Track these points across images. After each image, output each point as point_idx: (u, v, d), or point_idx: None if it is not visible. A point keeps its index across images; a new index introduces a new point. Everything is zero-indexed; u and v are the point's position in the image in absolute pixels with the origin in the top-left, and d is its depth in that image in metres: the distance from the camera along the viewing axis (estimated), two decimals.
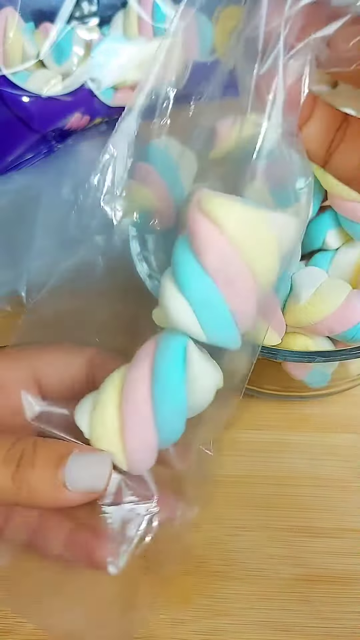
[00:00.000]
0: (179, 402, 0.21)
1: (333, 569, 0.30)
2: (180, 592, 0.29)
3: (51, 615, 0.28)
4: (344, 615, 0.29)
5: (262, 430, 0.34)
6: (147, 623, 0.28)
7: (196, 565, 0.30)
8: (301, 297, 0.29)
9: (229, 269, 0.21)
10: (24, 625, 0.28)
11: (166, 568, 0.29)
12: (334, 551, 0.30)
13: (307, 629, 0.28)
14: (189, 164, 0.35)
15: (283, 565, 0.30)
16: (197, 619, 0.28)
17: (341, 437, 0.34)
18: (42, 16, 0.43)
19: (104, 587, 0.29)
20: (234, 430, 0.34)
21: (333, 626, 0.28)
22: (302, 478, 0.33)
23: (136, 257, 0.33)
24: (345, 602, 0.29)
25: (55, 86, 0.43)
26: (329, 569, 0.30)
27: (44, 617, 0.28)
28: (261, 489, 0.32)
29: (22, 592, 0.29)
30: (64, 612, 0.28)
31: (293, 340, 0.31)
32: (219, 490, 0.32)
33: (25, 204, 0.43)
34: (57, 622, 0.28)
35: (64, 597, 0.29)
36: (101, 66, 0.44)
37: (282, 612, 0.29)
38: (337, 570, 0.30)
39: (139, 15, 0.45)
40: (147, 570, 0.30)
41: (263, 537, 0.31)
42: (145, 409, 0.21)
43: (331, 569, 0.30)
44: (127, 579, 0.29)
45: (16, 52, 0.42)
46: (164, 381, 0.21)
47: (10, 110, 0.42)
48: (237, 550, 0.30)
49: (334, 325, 0.30)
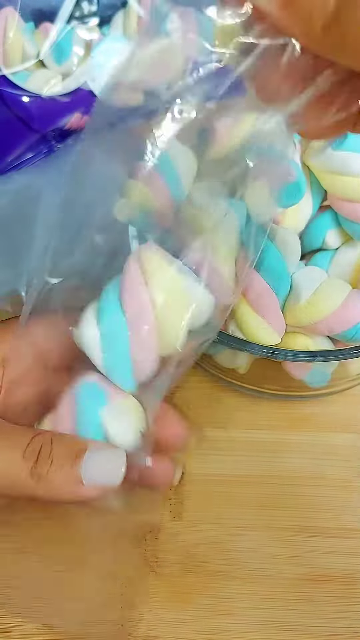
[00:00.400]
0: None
1: (335, 569, 0.30)
2: (181, 591, 0.29)
3: (52, 614, 0.28)
4: (348, 614, 0.29)
5: (262, 430, 0.34)
6: (146, 622, 0.28)
7: (197, 565, 0.30)
8: (301, 297, 0.29)
9: (141, 317, 0.23)
10: (24, 625, 0.28)
11: (166, 568, 0.30)
12: (336, 551, 0.30)
13: (311, 629, 0.28)
14: (189, 164, 0.35)
15: (285, 565, 0.30)
16: (198, 618, 0.28)
17: (341, 437, 0.34)
18: (42, 16, 0.43)
19: (104, 587, 0.29)
20: (234, 430, 0.34)
21: (336, 626, 0.28)
22: (303, 478, 0.33)
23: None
24: (349, 601, 0.29)
25: (55, 86, 0.43)
26: (331, 569, 0.30)
27: (45, 615, 0.28)
28: (261, 489, 0.32)
29: (24, 590, 0.29)
30: (64, 611, 0.28)
31: (293, 340, 0.31)
32: (219, 490, 0.32)
33: (25, 204, 0.43)
34: (57, 621, 0.28)
35: (64, 596, 0.29)
36: (101, 66, 0.44)
37: (285, 611, 0.29)
38: (340, 569, 0.30)
39: (139, 15, 0.45)
40: (147, 570, 0.30)
41: (264, 537, 0.31)
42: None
43: (333, 568, 0.30)
44: (127, 578, 0.29)
45: (16, 52, 0.42)
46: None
47: (10, 110, 0.42)
48: (239, 550, 0.30)
49: (334, 325, 0.30)
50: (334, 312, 0.29)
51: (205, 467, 0.33)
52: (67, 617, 0.28)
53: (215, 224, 0.29)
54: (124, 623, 0.28)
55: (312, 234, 0.33)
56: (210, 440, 0.34)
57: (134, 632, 0.28)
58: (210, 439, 0.34)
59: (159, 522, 0.28)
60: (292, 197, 0.31)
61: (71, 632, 0.28)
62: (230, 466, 0.33)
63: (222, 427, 0.34)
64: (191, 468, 0.33)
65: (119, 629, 0.28)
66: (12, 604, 0.29)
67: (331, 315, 0.29)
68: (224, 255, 0.29)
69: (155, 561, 0.30)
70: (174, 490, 0.32)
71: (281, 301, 0.30)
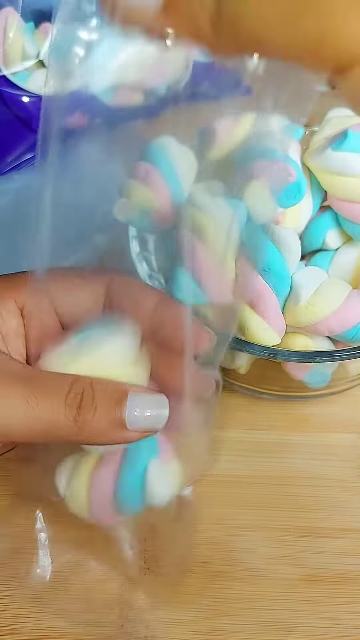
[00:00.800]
0: (134, 503, 0.26)
1: (335, 569, 0.30)
2: (181, 592, 0.29)
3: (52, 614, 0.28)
4: (346, 615, 0.29)
5: (262, 430, 0.34)
6: (146, 622, 0.28)
7: (197, 565, 0.30)
8: (301, 297, 0.29)
9: None
10: (24, 625, 0.28)
11: (166, 568, 0.29)
12: (336, 551, 0.30)
13: (309, 629, 0.28)
14: (189, 164, 0.35)
15: (284, 565, 0.30)
16: (197, 619, 0.28)
17: (341, 437, 0.34)
18: (42, 16, 0.43)
19: (104, 587, 0.29)
20: (234, 430, 0.34)
21: (335, 626, 0.28)
22: (303, 478, 0.33)
23: (136, 257, 0.33)
24: (347, 602, 0.29)
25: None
26: (330, 569, 0.30)
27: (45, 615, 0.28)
28: (261, 489, 0.32)
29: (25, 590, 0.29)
30: (64, 611, 0.28)
31: (293, 340, 0.31)
32: (219, 490, 0.32)
33: (25, 204, 0.43)
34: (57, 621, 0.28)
35: (65, 596, 0.29)
36: (101, 66, 0.44)
37: (284, 612, 0.29)
38: (339, 570, 0.30)
39: None
40: (147, 571, 0.30)
41: (264, 537, 0.31)
42: (107, 501, 0.25)
43: (333, 569, 0.30)
44: (127, 579, 0.29)
45: (16, 52, 0.42)
46: (123, 490, 0.25)
47: (10, 110, 0.42)
48: (238, 550, 0.30)
49: (334, 325, 0.30)
50: (334, 312, 0.29)
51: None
52: (67, 617, 0.28)
53: (216, 224, 0.29)
54: (124, 623, 0.28)
55: (312, 234, 0.33)
56: (211, 440, 0.34)
57: (133, 632, 0.28)
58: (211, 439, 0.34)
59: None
60: (292, 197, 0.31)
61: (71, 632, 0.28)
62: (231, 466, 0.33)
63: (222, 427, 0.34)
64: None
65: (119, 629, 0.28)
66: (13, 604, 0.29)
67: (331, 315, 0.29)
68: (224, 255, 0.29)
69: (155, 561, 0.30)
70: None
71: (281, 301, 0.30)
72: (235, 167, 0.33)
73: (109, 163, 0.46)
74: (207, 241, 0.29)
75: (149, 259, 0.33)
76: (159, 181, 0.33)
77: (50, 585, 0.29)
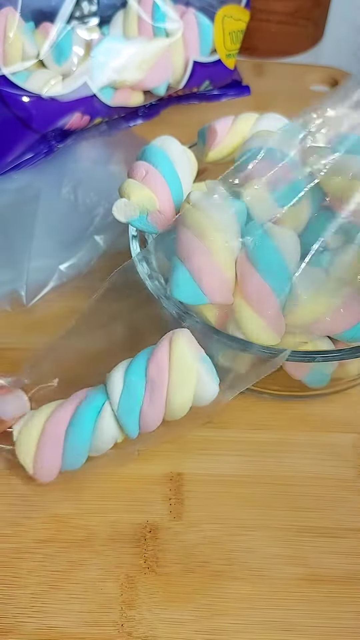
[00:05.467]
0: (83, 446, 0.30)
1: (335, 569, 0.30)
2: (181, 591, 0.29)
3: (52, 614, 0.28)
4: (347, 615, 0.29)
5: (262, 430, 0.34)
6: (146, 622, 0.28)
7: (197, 565, 0.30)
8: (301, 297, 0.29)
9: (157, 380, 0.28)
10: (24, 625, 0.28)
11: (166, 568, 0.30)
12: (336, 551, 0.30)
13: (310, 629, 0.28)
14: (189, 164, 0.36)
15: (285, 565, 0.30)
16: (197, 618, 0.28)
17: (341, 437, 0.34)
18: (42, 16, 0.43)
19: (104, 587, 0.29)
20: (234, 430, 0.34)
21: (335, 626, 0.28)
22: (302, 478, 0.33)
23: (136, 257, 0.33)
24: (348, 602, 0.29)
25: (55, 86, 0.43)
26: (330, 569, 0.30)
27: (45, 615, 0.28)
28: (261, 489, 0.32)
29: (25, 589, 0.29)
30: (64, 611, 0.28)
31: (293, 340, 0.31)
32: (219, 490, 0.32)
33: (25, 204, 0.43)
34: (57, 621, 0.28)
35: (63, 596, 0.29)
36: (101, 66, 0.44)
37: (284, 611, 0.29)
38: (340, 570, 0.30)
39: (139, 15, 0.45)
40: (147, 571, 0.30)
41: (264, 537, 0.31)
42: (57, 443, 0.29)
43: (333, 568, 0.30)
44: (127, 578, 0.29)
45: (16, 52, 0.42)
46: (76, 429, 0.29)
47: (10, 110, 0.42)
48: (239, 550, 0.30)
49: (334, 325, 0.30)
50: (334, 312, 0.29)
51: (205, 467, 0.33)
52: (67, 617, 0.28)
53: (216, 224, 0.29)
54: (124, 623, 0.28)
55: (312, 234, 0.33)
56: (211, 440, 0.34)
57: (133, 632, 0.28)
58: (211, 439, 0.34)
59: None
60: (291, 197, 0.31)
61: (71, 632, 0.28)
62: (230, 466, 0.33)
63: (222, 427, 0.34)
64: (191, 468, 0.33)
65: (119, 629, 0.28)
66: (13, 603, 0.29)
67: (331, 315, 0.29)
68: (224, 255, 0.29)
69: (155, 561, 0.30)
70: (174, 490, 0.32)
71: (281, 301, 0.30)
72: (236, 167, 0.33)
73: (109, 163, 0.46)
74: (207, 241, 0.29)
75: (149, 258, 0.33)
76: (159, 181, 0.33)
77: (50, 585, 0.29)
